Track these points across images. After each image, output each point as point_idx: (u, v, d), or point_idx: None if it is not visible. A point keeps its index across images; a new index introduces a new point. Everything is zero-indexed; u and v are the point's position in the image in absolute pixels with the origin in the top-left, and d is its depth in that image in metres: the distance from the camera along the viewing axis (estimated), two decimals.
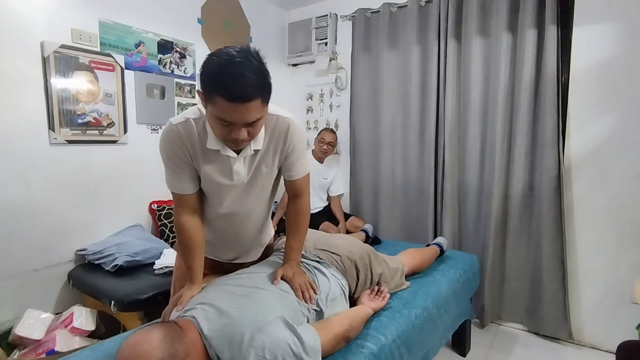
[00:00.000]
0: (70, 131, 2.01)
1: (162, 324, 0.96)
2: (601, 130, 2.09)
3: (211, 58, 0.94)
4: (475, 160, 2.45)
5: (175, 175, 1.12)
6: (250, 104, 0.93)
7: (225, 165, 1.12)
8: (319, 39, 3.09)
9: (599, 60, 2.06)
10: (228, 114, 0.94)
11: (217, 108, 0.93)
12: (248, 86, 0.91)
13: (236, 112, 0.93)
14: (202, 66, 0.95)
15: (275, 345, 0.93)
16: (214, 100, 0.93)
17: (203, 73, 0.95)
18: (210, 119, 1.00)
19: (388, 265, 1.57)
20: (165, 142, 1.09)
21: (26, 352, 1.69)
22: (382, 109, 2.80)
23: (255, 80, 0.92)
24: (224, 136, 1.00)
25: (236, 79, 0.90)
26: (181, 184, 1.13)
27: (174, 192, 1.16)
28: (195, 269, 1.19)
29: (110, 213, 2.23)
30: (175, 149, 1.08)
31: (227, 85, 0.90)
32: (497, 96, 2.28)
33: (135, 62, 2.30)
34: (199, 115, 1.08)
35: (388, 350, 1.22)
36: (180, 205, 1.17)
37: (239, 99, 0.91)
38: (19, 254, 1.89)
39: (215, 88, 0.91)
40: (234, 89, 0.90)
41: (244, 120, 0.95)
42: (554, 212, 2.16)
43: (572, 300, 2.21)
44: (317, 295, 1.20)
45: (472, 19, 2.36)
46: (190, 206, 1.18)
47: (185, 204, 1.16)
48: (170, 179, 1.14)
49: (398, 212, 2.80)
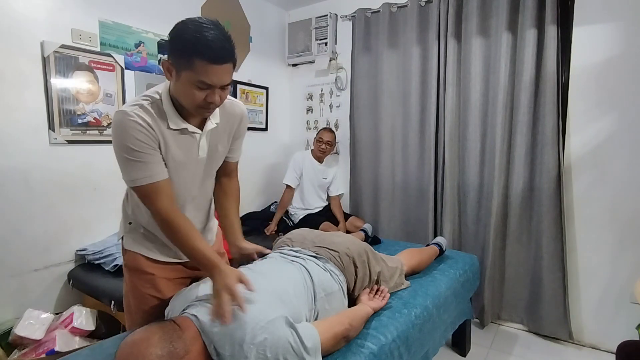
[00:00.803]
0: (70, 131, 2.02)
1: (161, 322, 0.97)
2: (601, 130, 2.09)
3: (183, 26, 0.97)
4: (475, 160, 2.45)
5: (144, 165, 1.03)
6: (227, 66, 0.98)
7: (188, 144, 1.12)
8: (319, 39, 3.09)
9: (599, 60, 2.06)
10: (209, 75, 0.96)
11: (197, 72, 0.95)
12: (225, 49, 0.97)
13: (216, 73, 0.97)
14: (175, 34, 0.97)
15: (276, 343, 0.93)
16: (193, 65, 0.95)
17: (178, 40, 0.96)
18: (184, 86, 0.99)
19: (387, 264, 1.57)
20: (125, 133, 1.00)
21: (26, 352, 1.69)
22: (382, 109, 2.80)
23: (228, 44, 0.98)
24: (198, 102, 1.01)
25: (216, 42, 0.94)
26: (154, 171, 1.05)
27: (145, 186, 1.04)
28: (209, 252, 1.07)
29: (110, 213, 2.22)
30: (141, 137, 1.01)
31: (210, 47, 0.93)
32: (497, 96, 2.28)
33: (135, 62, 2.30)
34: (150, 99, 1.05)
35: (388, 349, 1.22)
36: (159, 194, 1.05)
37: (220, 59, 0.96)
38: (19, 254, 1.89)
39: (197, 51, 0.93)
40: (216, 50, 0.94)
41: (222, 82, 0.99)
42: (554, 212, 2.16)
43: (572, 300, 2.21)
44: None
45: (472, 19, 2.36)
46: (169, 192, 1.08)
47: (163, 191, 1.06)
48: (137, 172, 1.03)
49: (398, 212, 2.80)
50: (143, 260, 1.21)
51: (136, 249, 1.22)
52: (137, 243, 1.22)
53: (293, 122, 3.47)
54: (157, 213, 1.06)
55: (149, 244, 1.22)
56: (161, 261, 1.23)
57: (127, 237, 1.24)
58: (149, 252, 1.21)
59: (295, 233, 1.59)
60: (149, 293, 1.21)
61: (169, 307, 1.14)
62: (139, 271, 1.21)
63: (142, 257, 1.21)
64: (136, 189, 1.07)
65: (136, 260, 1.21)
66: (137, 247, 1.22)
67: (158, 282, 1.22)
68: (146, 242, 1.22)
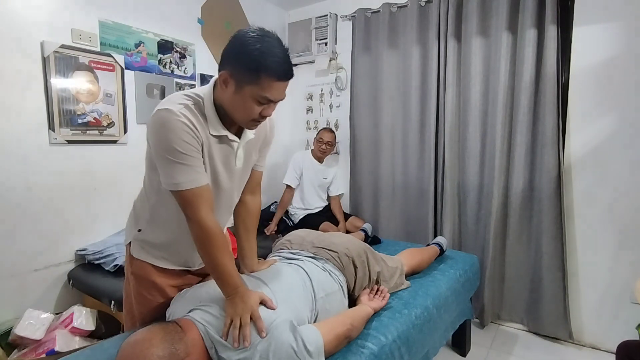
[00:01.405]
0: (70, 131, 2.01)
1: (163, 323, 0.97)
2: (601, 130, 2.09)
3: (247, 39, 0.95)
4: (475, 160, 2.45)
5: (190, 168, 0.98)
6: (288, 82, 1.00)
7: (226, 152, 1.09)
8: (319, 39, 3.09)
9: (599, 60, 2.06)
10: (272, 91, 0.97)
11: (262, 87, 0.95)
12: (289, 65, 0.98)
13: (279, 89, 0.98)
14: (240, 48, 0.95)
15: (279, 348, 0.93)
16: (259, 80, 0.94)
17: (244, 54, 0.94)
18: (243, 100, 0.98)
19: (386, 264, 1.57)
20: (172, 134, 0.95)
21: (26, 352, 1.69)
22: (382, 109, 2.80)
23: (289, 60, 0.99)
24: (253, 116, 1.00)
25: (283, 58, 0.96)
26: (198, 175, 1.00)
27: (188, 190, 0.99)
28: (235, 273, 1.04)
29: (110, 213, 2.23)
30: (187, 139, 0.97)
31: (279, 64, 0.95)
32: (497, 96, 2.28)
33: (135, 62, 2.30)
34: (193, 100, 1.02)
35: (388, 350, 1.22)
36: (201, 200, 1.00)
37: (285, 76, 0.98)
38: (19, 254, 1.89)
39: (265, 67, 0.93)
40: (284, 67, 0.96)
41: (282, 97, 1.01)
42: (554, 212, 2.16)
43: (572, 300, 2.21)
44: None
45: (472, 19, 2.36)
46: (210, 200, 1.04)
47: (205, 198, 1.02)
48: (183, 175, 0.98)
49: (398, 212, 2.80)
50: (151, 269, 1.19)
51: (144, 258, 1.19)
52: (144, 252, 1.19)
53: (293, 122, 3.47)
54: (196, 220, 1.01)
55: (157, 252, 1.19)
56: (169, 269, 1.21)
57: (134, 244, 1.20)
58: (157, 261, 1.19)
59: (294, 234, 1.59)
60: (155, 300, 1.20)
61: (171, 308, 1.14)
62: (146, 280, 1.19)
63: (150, 266, 1.19)
64: (177, 194, 1.00)
65: (144, 269, 1.19)
66: (145, 255, 1.19)
67: (166, 290, 1.20)
68: (154, 251, 1.19)
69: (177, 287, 1.22)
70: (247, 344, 0.93)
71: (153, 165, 1.06)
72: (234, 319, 0.97)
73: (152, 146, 1.01)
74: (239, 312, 0.98)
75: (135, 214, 1.22)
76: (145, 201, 1.17)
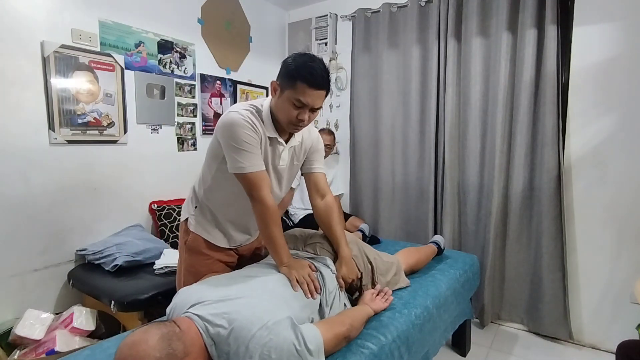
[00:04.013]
0: (71, 131, 2.01)
1: (160, 323, 0.96)
2: (601, 130, 2.09)
3: (295, 56, 1.23)
4: (475, 160, 2.45)
5: (252, 155, 1.23)
6: (322, 92, 1.21)
7: (275, 152, 1.33)
8: (319, 39, 3.09)
9: (599, 60, 2.06)
10: (305, 96, 1.19)
11: (297, 91, 1.18)
12: (323, 78, 1.20)
13: (311, 96, 1.19)
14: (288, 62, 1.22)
15: (280, 345, 0.94)
16: (295, 86, 1.18)
17: (289, 66, 1.20)
18: (284, 104, 1.22)
19: (380, 258, 1.58)
20: (239, 128, 1.21)
21: (26, 352, 1.69)
22: (382, 109, 2.80)
23: (326, 75, 1.22)
24: (291, 118, 1.22)
25: (317, 70, 1.19)
26: (259, 161, 1.25)
27: (251, 173, 1.23)
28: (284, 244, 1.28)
29: (110, 213, 2.23)
30: (251, 133, 1.22)
31: (312, 74, 1.18)
32: (497, 96, 2.29)
33: (135, 62, 2.30)
34: (256, 108, 1.28)
35: (388, 350, 1.22)
36: (262, 182, 1.25)
37: (317, 85, 1.19)
38: (19, 254, 1.89)
39: (301, 75, 1.17)
40: (316, 76, 1.18)
41: (314, 104, 1.21)
42: (554, 212, 2.16)
43: (572, 300, 2.21)
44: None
45: (472, 19, 2.36)
46: (268, 182, 1.28)
47: (265, 180, 1.26)
48: (247, 160, 1.22)
49: (398, 212, 2.80)
50: (202, 242, 1.39)
51: (199, 232, 1.39)
52: (200, 226, 1.39)
53: None
54: (258, 198, 1.24)
55: (210, 228, 1.40)
56: (217, 246, 1.40)
57: (191, 219, 1.41)
58: (209, 236, 1.39)
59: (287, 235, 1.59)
60: (204, 270, 1.37)
61: (171, 305, 1.14)
62: (198, 252, 1.39)
63: (202, 240, 1.39)
64: (243, 176, 1.23)
65: (197, 241, 1.39)
66: (200, 230, 1.39)
67: (213, 264, 1.39)
68: (208, 227, 1.39)
69: (222, 262, 1.42)
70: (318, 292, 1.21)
71: (214, 154, 1.31)
72: (297, 277, 1.19)
73: (221, 139, 1.25)
74: (300, 272, 1.21)
75: (193, 194, 1.45)
76: (202, 184, 1.40)
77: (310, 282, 1.20)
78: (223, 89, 2.86)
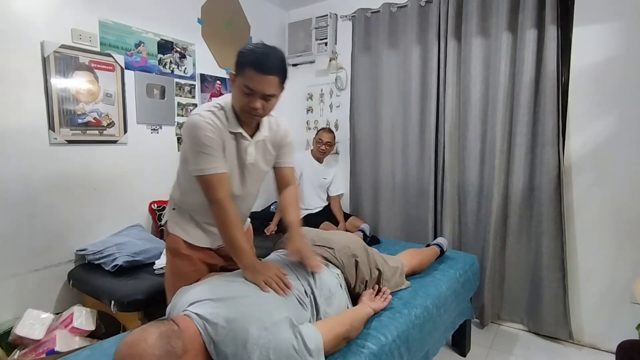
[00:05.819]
0: (71, 131, 2.01)
1: (159, 322, 0.96)
2: (601, 130, 2.09)
3: (248, 44, 1.22)
4: (475, 160, 2.45)
5: (211, 158, 1.21)
6: (271, 77, 1.16)
7: (240, 147, 1.30)
8: (319, 39, 3.09)
9: (599, 60, 2.06)
10: (254, 82, 1.15)
11: (245, 77, 1.15)
12: (272, 63, 1.16)
13: (260, 82, 1.15)
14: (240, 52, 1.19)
15: (280, 345, 0.94)
16: (244, 72, 1.15)
17: (240, 55, 1.19)
18: (236, 92, 1.21)
19: (387, 263, 1.57)
20: (200, 130, 1.19)
21: (26, 352, 1.69)
22: (382, 109, 2.80)
23: (277, 62, 1.18)
24: (243, 106, 1.20)
25: (264, 56, 1.16)
26: (218, 164, 1.23)
27: (209, 175, 1.21)
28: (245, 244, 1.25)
29: (110, 213, 2.23)
30: (212, 135, 1.21)
31: (258, 59, 1.14)
32: (497, 96, 2.28)
33: (135, 62, 2.30)
34: (219, 106, 1.26)
35: (388, 350, 1.22)
36: (220, 184, 1.23)
37: (264, 70, 1.14)
38: (19, 254, 1.89)
39: (248, 61, 1.15)
40: (262, 61, 1.14)
41: (264, 90, 1.17)
42: (554, 212, 2.16)
43: (572, 300, 2.21)
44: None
45: (472, 19, 2.36)
46: (228, 184, 1.26)
47: (223, 182, 1.24)
48: (205, 163, 1.21)
49: (398, 212, 2.80)
50: (182, 243, 1.38)
51: (177, 233, 1.39)
52: (178, 227, 1.40)
53: (293, 122, 3.45)
54: (215, 200, 1.22)
55: (189, 228, 1.39)
56: (197, 246, 1.40)
57: (170, 222, 1.42)
58: (187, 237, 1.39)
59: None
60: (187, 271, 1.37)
61: (171, 305, 1.14)
62: (178, 253, 1.38)
63: (181, 241, 1.38)
64: (201, 178, 1.22)
65: (176, 243, 1.39)
66: (178, 231, 1.39)
67: (195, 264, 1.39)
68: (187, 227, 1.39)
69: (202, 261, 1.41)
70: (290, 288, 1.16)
71: (185, 157, 1.31)
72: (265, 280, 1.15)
73: (184, 141, 1.27)
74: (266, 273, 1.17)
75: (171, 196, 1.46)
76: (177, 186, 1.41)
77: (279, 280, 1.17)
78: (223, 89, 2.86)
